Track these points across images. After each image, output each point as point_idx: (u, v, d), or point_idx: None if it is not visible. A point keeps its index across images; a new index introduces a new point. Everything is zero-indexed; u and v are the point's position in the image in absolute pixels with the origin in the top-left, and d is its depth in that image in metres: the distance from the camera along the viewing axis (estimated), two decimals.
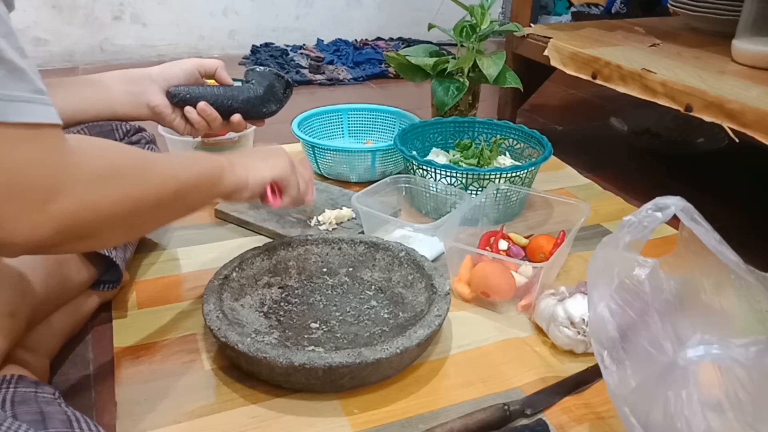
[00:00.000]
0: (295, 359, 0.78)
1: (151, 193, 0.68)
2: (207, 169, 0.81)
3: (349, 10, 2.82)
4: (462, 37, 1.54)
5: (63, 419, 0.63)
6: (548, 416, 0.81)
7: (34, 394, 0.65)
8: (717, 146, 1.66)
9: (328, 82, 2.32)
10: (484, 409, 0.80)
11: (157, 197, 0.69)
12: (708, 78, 1.33)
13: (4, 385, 0.67)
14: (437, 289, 0.94)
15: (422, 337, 0.83)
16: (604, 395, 0.85)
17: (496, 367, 0.90)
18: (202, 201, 0.81)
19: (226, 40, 2.66)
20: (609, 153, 1.75)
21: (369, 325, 0.95)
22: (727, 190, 1.54)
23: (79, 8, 2.42)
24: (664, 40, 1.66)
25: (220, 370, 0.88)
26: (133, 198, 0.64)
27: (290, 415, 0.81)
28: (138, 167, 0.67)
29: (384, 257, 1.05)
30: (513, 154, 1.44)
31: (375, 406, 0.82)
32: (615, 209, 1.36)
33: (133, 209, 0.64)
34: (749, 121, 1.16)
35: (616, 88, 1.45)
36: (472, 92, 1.56)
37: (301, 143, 1.45)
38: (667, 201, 0.73)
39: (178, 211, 0.77)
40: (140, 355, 0.90)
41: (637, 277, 0.71)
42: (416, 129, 1.44)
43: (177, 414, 0.80)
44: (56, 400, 0.67)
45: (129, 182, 0.64)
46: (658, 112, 1.59)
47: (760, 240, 1.19)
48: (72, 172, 0.57)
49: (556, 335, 0.92)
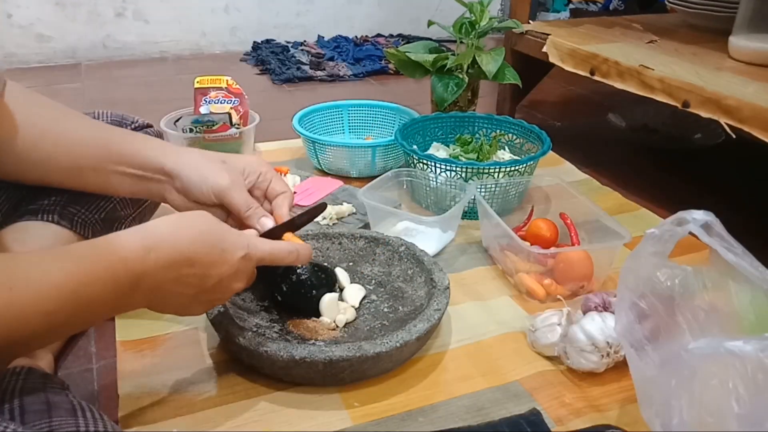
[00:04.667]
0: (296, 353, 0.79)
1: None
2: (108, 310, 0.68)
3: (349, 7, 2.83)
4: (461, 33, 1.55)
5: (68, 408, 0.63)
6: (547, 409, 0.82)
7: (42, 385, 0.66)
8: (714, 142, 1.67)
9: (329, 79, 2.32)
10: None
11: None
12: (705, 74, 1.34)
13: (14, 377, 0.67)
14: (437, 283, 0.95)
15: (422, 331, 0.84)
16: (603, 388, 0.86)
17: (495, 361, 0.90)
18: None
19: (228, 37, 2.67)
20: (607, 148, 1.75)
21: (369, 319, 0.96)
22: (724, 185, 1.55)
23: (82, 5, 2.43)
24: (661, 37, 1.66)
25: (221, 363, 0.89)
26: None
27: (291, 408, 0.81)
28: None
29: (384, 252, 1.06)
30: (512, 149, 1.45)
31: (375, 399, 0.83)
32: (613, 204, 1.37)
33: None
34: (746, 117, 1.17)
35: (614, 85, 1.46)
36: (471, 88, 1.57)
37: (302, 139, 1.46)
38: (687, 216, 0.72)
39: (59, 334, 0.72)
40: (142, 348, 0.91)
41: (667, 281, 0.72)
42: (417, 124, 1.45)
43: (179, 407, 0.81)
44: (64, 390, 0.68)
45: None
46: (655, 108, 1.60)
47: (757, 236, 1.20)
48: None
49: (579, 362, 0.86)
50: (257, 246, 0.76)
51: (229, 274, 0.72)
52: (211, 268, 0.70)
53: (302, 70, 2.34)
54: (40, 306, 0.58)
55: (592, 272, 1.03)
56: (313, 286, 0.94)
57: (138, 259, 0.65)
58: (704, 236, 0.71)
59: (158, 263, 0.66)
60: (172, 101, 1.72)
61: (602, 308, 0.92)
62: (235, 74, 1.61)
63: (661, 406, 0.66)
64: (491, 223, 1.11)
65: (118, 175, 0.85)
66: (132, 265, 0.64)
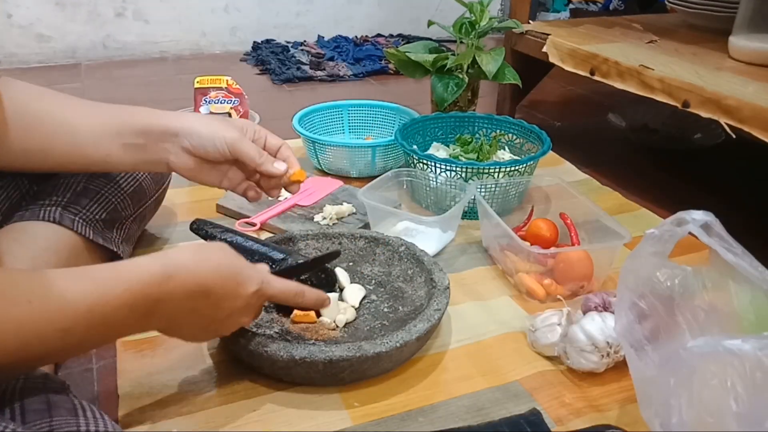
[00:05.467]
0: (296, 353, 0.79)
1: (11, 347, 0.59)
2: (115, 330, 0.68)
3: (349, 7, 2.83)
4: (461, 33, 1.55)
5: (69, 408, 0.63)
6: (547, 409, 0.82)
7: (43, 385, 0.66)
8: (714, 142, 1.67)
9: (329, 79, 2.32)
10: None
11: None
12: (705, 74, 1.34)
13: None
14: (437, 283, 0.95)
15: (422, 331, 0.84)
16: (603, 388, 0.86)
17: (494, 361, 0.91)
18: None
19: (228, 37, 2.67)
20: (607, 148, 1.75)
21: (369, 319, 0.96)
22: (724, 185, 1.55)
23: (82, 5, 2.43)
24: (661, 37, 1.66)
25: (221, 363, 0.89)
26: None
27: (291, 408, 0.81)
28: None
29: (384, 252, 1.06)
30: (512, 149, 1.45)
31: (375, 399, 0.83)
32: (613, 204, 1.38)
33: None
34: (746, 117, 1.17)
35: (614, 85, 1.46)
36: (471, 88, 1.57)
37: (302, 139, 1.46)
38: (686, 216, 0.72)
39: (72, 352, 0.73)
40: (142, 348, 0.91)
41: (667, 281, 0.72)
42: (417, 123, 1.45)
43: (179, 407, 0.81)
44: (65, 390, 0.68)
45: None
46: (655, 108, 1.60)
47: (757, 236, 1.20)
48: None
49: (579, 362, 0.86)
50: (270, 283, 0.79)
51: (239, 308, 0.75)
52: (224, 301, 0.73)
53: (302, 70, 2.34)
54: (56, 323, 0.59)
55: (592, 272, 1.03)
56: (313, 286, 0.94)
57: (156, 284, 0.66)
58: (704, 236, 0.71)
59: (176, 291, 0.67)
60: (172, 101, 1.72)
61: (602, 308, 0.92)
62: (235, 74, 1.61)
63: (660, 406, 0.66)
64: (491, 223, 1.11)
65: (120, 147, 0.86)
66: (150, 290, 0.65)
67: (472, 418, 0.80)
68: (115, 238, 0.98)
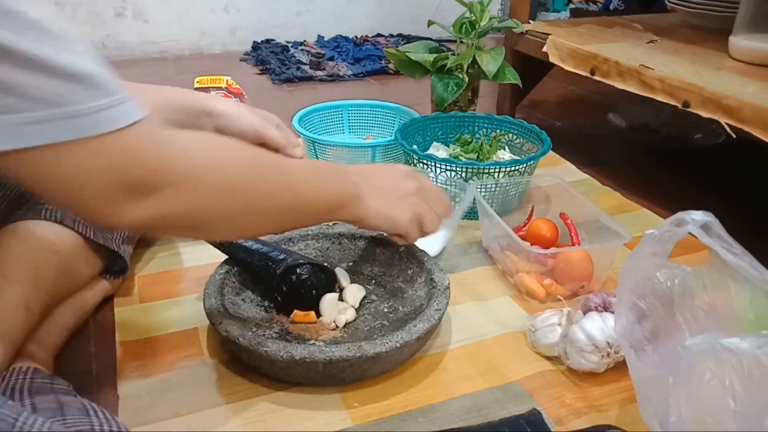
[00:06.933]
0: (296, 353, 0.79)
1: (260, 200, 0.68)
2: (330, 194, 0.79)
3: (349, 7, 2.83)
4: (461, 33, 1.55)
5: (80, 408, 0.64)
6: (547, 410, 0.82)
7: (50, 385, 0.66)
8: (714, 142, 1.67)
9: (329, 78, 2.32)
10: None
11: (266, 206, 0.69)
12: (705, 74, 1.34)
13: (20, 376, 0.68)
14: (437, 283, 0.95)
15: (422, 332, 0.84)
16: (603, 389, 0.86)
17: (494, 361, 0.90)
18: (314, 221, 0.84)
19: (228, 37, 2.67)
20: (607, 148, 1.75)
21: (369, 319, 0.96)
22: (724, 185, 1.55)
23: (82, 5, 2.43)
24: (661, 37, 1.66)
25: (221, 363, 0.89)
26: (238, 200, 0.65)
27: (291, 408, 0.81)
28: (247, 171, 0.66)
29: (384, 252, 1.06)
30: (512, 149, 1.45)
31: (375, 399, 0.83)
32: (613, 204, 1.37)
33: (237, 211, 0.65)
34: (746, 117, 1.17)
35: (614, 84, 1.45)
36: (471, 88, 1.57)
37: (302, 139, 1.46)
38: (686, 216, 0.72)
39: (288, 222, 0.77)
40: (142, 348, 0.91)
41: (667, 282, 0.72)
42: (417, 123, 1.45)
43: (179, 407, 0.81)
44: (71, 391, 0.68)
45: (232, 185, 0.64)
46: (656, 108, 1.60)
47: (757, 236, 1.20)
48: (166, 170, 0.58)
49: (579, 362, 0.86)
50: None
51: (413, 188, 0.88)
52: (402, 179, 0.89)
53: (302, 70, 2.34)
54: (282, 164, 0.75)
55: (593, 272, 1.03)
56: (313, 286, 0.94)
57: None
58: (704, 237, 0.71)
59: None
60: None
61: (602, 308, 0.92)
62: (235, 74, 1.61)
63: (659, 404, 0.66)
64: (491, 223, 1.11)
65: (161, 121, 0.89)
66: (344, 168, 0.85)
67: (472, 418, 0.80)
68: (115, 237, 0.98)
